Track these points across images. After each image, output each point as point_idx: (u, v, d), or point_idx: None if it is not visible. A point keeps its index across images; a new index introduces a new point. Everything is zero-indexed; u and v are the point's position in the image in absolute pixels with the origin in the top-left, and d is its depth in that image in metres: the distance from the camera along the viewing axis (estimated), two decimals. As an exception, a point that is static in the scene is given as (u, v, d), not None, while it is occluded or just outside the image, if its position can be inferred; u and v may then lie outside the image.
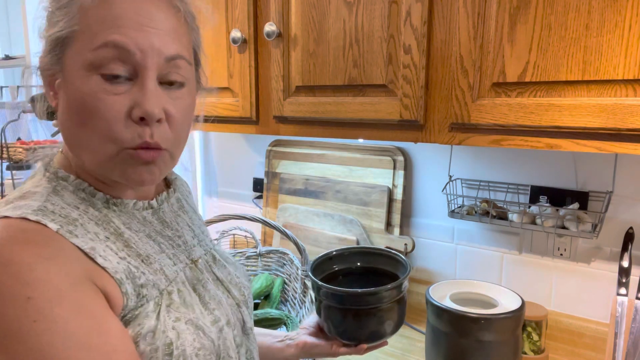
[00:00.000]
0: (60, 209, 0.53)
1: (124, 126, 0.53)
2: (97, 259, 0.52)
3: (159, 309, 0.56)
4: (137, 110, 0.53)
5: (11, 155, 1.79)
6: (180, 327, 0.56)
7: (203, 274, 0.67)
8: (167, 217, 0.67)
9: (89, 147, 0.54)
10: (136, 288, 0.54)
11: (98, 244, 0.53)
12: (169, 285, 0.59)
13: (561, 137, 0.85)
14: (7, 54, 2.66)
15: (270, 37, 1.15)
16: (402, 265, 0.90)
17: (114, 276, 0.52)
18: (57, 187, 0.57)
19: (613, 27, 0.76)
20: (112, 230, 0.57)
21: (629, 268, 1.06)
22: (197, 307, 0.61)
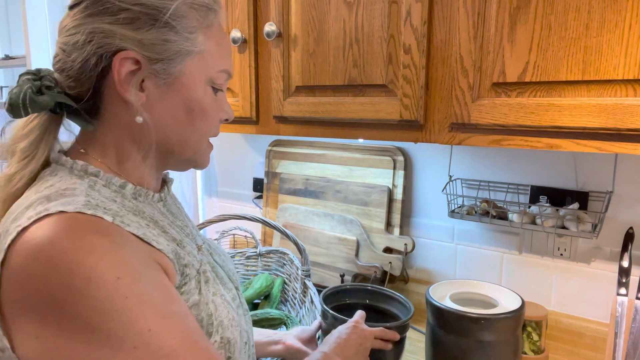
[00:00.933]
0: (102, 203, 0.56)
1: (217, 125, 0.69)
2: (152, 243, 0.57)
3: (199, 286, 0.63)
4: (224, 114, 0.69)
5: (11, 155, 1.79)
6: (217, 301, 0.64)
7: (209, 258, 0.73)
8: (172, 209, 0.72)
9: (191, 140, 0.65)
10: (181, 267, 0.61)
11: (146, 230, 0.58)
12: (201, 266, 0.66)
13: (561, 137, 0.85)
14: (7, 54, 2.66)
15: (270, 37, 1.15)
16: (407, 309, 1.01)
17: (168, 256, 0.59)
18: (90, 182, 0.60)
19: (613, 27, 0.76)
20: (148, 218, 0.62)
21: (629, 268, 1.06)
22: (219, 284, 0.68)
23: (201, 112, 0.64)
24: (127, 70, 0.59)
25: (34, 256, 0.48)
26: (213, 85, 0.65)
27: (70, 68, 0.60)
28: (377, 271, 1.36)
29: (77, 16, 0.60)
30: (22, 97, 0.58)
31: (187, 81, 0.62)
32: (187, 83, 0.62)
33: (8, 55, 2.64)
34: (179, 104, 0.62)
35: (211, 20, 0.64)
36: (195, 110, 0.64)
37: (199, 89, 0.63)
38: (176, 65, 0.61)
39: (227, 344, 0.63)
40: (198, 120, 0.64)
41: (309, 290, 1.18)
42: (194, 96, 0.63)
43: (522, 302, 0.95)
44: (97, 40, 0.58)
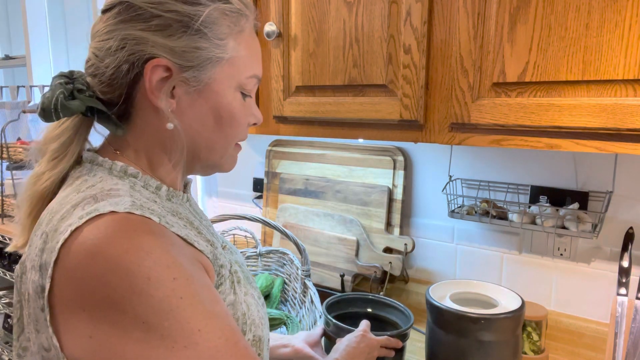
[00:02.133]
0: (145, 203, 0.57)
1: (246, 130, 0.69)
2: (194, 244, 0.59)
3: (233, 286, 0.65)
4: (253, 119, 0.70)
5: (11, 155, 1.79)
6: (248, 300, 0.66)
7: (235, 257, 0.75)
8: (197, 209, 0.73)
9: (218, 146, 0.66)
10: (217, 268, 0.63)
11: (186, 230, 0.60)
12: (232, 267, 0.67)
13: (561, 137, 0.85)
14: (7, 54, 2.66)
15: (270, 37, 1.15)
16: (407, 318, 1.02)
17: (208, 256, 0.60)
18: (131, 184, 0.61)
19: (613, 27, 0.76)
20: (184, 219, 0.64)
21: (629, 268, 1.06)
22: (248, 285, 0.70)
23: (230, 118, 0.64)
24: (159, 78, 0.59)
25: (92, 256, 0.49)
26: (242, 91, 0.65)
27: (102, 73, 0.60)
28: (377, 271, 1.36)
29: (110, 21, 0.60)
30: (54, 102, 0.59)
31: (217, 88, 0.62)
32: (216, 90, 0.62)
33: (8, 55, 2.64)
34: (209, 110, 0.63)
35: (242, 26, 0.64)
36: (224, 116, 0.64)
37: (229, 95, 0.63)
38: (207, 72, 0.61)
39: (259, 342, 0.65)
40: (226, 126, 0.65)
41: (309, 290, 1.18)
42: (223, 103, 0.63)
43: (522, 302, 0.95)
44: (129, 47, 0.58)
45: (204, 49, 0.60)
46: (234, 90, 0.64)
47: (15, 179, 1.98)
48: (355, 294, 1.11)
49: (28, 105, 2.38)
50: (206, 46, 0.60)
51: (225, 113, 0.64)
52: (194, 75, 0.60)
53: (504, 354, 0.93)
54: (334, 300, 1.07)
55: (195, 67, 0.60)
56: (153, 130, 0.62)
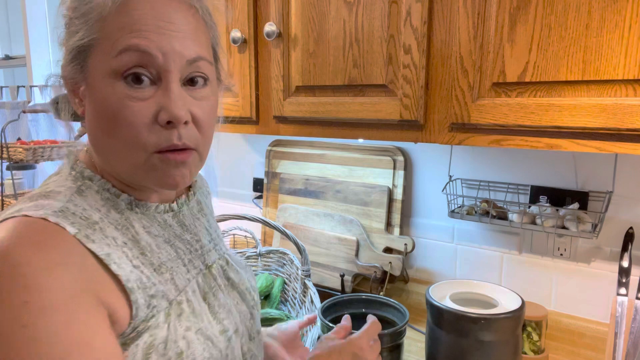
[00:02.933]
0: (82, 211, 0.53)
1: (151, 131, 0.53)
2: (112, 266, 0.52)
3: (169, 319, 0.56)
4: (164, 114, 0.53)
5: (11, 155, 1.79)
6: (190, 337, 0.56)
7: (216, 280, 0.67)
8: (187, 220, 0.67)
9: (118, 155, 0.55)
10: (147, 298, 0.54)
11: (114, 249, 0.53)
12: (179, 295, 0.59)
13: (561, 137, 0.85)
14: (7, 54, 2.66)
15: (270, 37, 1.15)
16: (402, 314, 1.02)
17: (125, 284, 0.52)
18: (82, 187, 0.57)
19: (613, 27, 0.76)
20: (130, 235, 0.57)
21: (629, 268, 1.06)
22: (205, 317, 0.61)
23: (111, 116, 0.53)
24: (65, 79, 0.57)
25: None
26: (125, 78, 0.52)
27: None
28: (377, 271, 1.36)
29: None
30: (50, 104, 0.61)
31: (92, 81, 0.54)
32: (93, 84, 0.54)
33: (8, 55, 2.64)
34: (93, 111, 0.55)
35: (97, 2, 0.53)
36: (104, 115, 0.53)
37: (104, 88, 0.53)
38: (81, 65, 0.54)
39: None
40: (114, 128, 0.53)
41: (309, 290, 1.18)
42: (99, 98, 0.53)
43: (522, 302, 0.95)
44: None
45: (67, 38, 0.55)
46: (110, 79, 0.52)
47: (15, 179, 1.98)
48: (350, 295, 1.11)
49: (28, 105, 2.38)
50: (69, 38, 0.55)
51: (103, 111, 0.53)
52: (74, 70, 0.55)
53: (504, 354, 0.93)
54: (330, 304, 1.07)
55: (71, 61, 0.55)
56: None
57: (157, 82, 0.54)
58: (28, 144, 1.85)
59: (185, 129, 0.55)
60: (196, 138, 0.57)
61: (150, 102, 0.53)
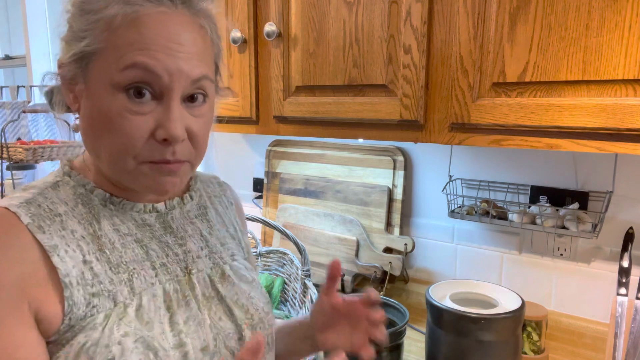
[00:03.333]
0: (50, 203, 0.56)
1: (145, 145, 0.54)
2: (53, 258, 0.53)
3: (106, 321, 0.54)
4: (162, 132, 0.54)
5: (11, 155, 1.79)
6: (126, 344, 0.53)
7: (193, 290, 0.63)
8: (176, 222, 0.67)
9: (107, 158, 0.56)
10: (86, 296, 0.54)
11: (66, 241, 0.55)
12: (129, 298, 0.57)
13: (561, 137, 0.85)
14: (7, 54, 2.66)
15: (270, 37, 1.15)
16: (402, 314, 1.02)
17: (62, 278, 0.53)
18: (60, 182, 0.60)
19: (613, 27, 0.76)
20: (91, 230, 0.58)
21: (629, 268, 1.06)
22: (158, 326, 0.57)
23: (106, 125, 0.54)
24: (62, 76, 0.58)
25: None
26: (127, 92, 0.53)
27: None
28: (377, 271, 1.36)
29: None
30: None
31: (93, 87, 0.55)
32: (92, 89, 0.55)
33: (8, 55, 2.64)
34: (87, 115, 0.56)
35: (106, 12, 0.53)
36: (98, 122, 0.55)
37: (104, 97, 0.54)
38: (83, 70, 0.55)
39: None
40: (107, 135, 0.54)
41: (309, 290, 1.18)
42: (96, 106, 0.55)
43: (522, 302, 0.95)
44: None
45: (72, 43, 0.55)
46: (112, 89, 0.53)
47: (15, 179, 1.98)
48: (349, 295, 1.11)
49: (28, 105, 2.38)
50: (72, 40, 0.55)
51: (98, 118, 0.54)
52: (74, 72, 0.56)
53: (504, 354, 0.93)
54: None
55: (71, 63, 0.56)
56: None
57: (158, 98, 0.54)
58: (28, 144, 1.85)
59: (180, 145, 0.56)
60: (190, 152, 0.58)
61: (149, 117, 0.54)
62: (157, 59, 0.52)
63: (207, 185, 0.77)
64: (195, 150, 0.58)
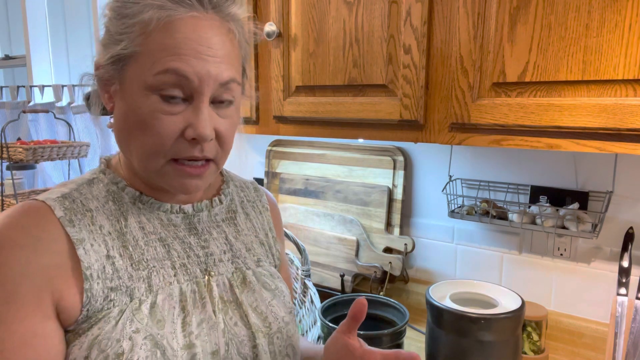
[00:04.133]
0: (83, 199, 0.60)
1: (175, 143, 0.57)
2: (79, 250, 0.56)
3: (120, 316, 0.56)
4: (191, 131, 0.57)
5: (11, 155, 1.79)
6: (136, 340, 0.55)
7: (211, 292, 0.63)
8: (202, 225, 0.68)
9: (139, 156, 0.59)
10: (105, 290, 0.56)
11: (94, 235, 0.58)
12: (145, 295, 0.58)
13: (561, 137, 0.85)
14: (7, 54, 2.66)
15: (270, 37, 1.15)
16: (402, 314, 1.03)
17: (84, 270, 0.55)
18: (95, 179, 0.64)
19: (613, 27, 0.76)
20: (118, 227, 0.61)
21: (629, 268, 1.06)
22: (169, 326, 0.58)
23: (139, 124, 0.57)
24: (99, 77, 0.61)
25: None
26: (162, 93, 0.56)
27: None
28: (377, 271, 1.36)
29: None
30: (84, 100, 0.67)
31: (128, 88, 0.58)
32: (128, 91, 0.58)
33: (8, 55, 2.64)
34: (122, 114, 0.59)
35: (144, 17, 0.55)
36: (132, 122, 0.58)
37: (139, 98, 0.57)
38: (120, 71, 0.58)
39: None
40: (139, 134, 0.57)
41: (309, 290, 1.18)
42: (131, 106, 0.57)
43: (522, 302, 0.95)
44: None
45: (109, 46, 0.58)
46: (146, 92, 0.56)
47: (15, 179, 1.97)
48: (350, 295, 1.11)
49: (28, 105, 2.38)
50: (110, 43, 0.58)
51: (132, 118, 0.57)
52: (110, 74, 0.59)
53: (504, 354, 0.93)
54: (330, 304, 1.07)
55: (108, 65, 0.59)
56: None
57: (188, 100, 0.57)
58: (28, 144, 1.85)
59: (208, 144, 0.59)
60: (216, 151, 0.61)
61: (179, 117, 0.57)
62: (188, 64, 0.55)
63: (241, 189, 0.78)
64: (221, 149, 0.61)
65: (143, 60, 0.56)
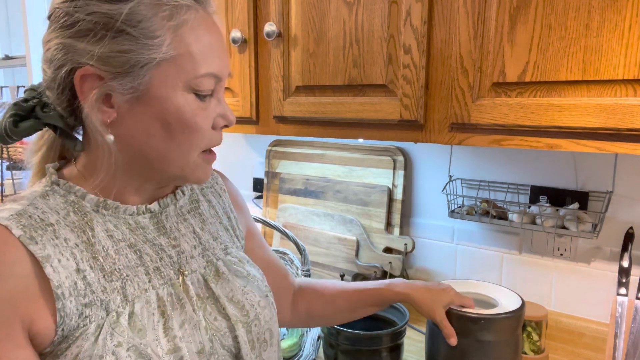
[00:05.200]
0: (40, 213, 0.56)
1: (208, 134, 0.61)
2: (46, 269, 0.52)
3: (99, 331, 0.54)
4: (222, 120, 0.63)
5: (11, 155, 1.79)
6: (120, 354, 0.53)
7: (188, 292, 0.63)
8: (170, 221, 0.67)
9: (173, 155, 0.60)
10: (79, 307, 0.54)
11: (60, 250, 0.55)
12: (122, 306, 0.57)
13: (561, 137, 0.85)
14: (7, 54, 2.66)
15: (270, 37, 1.15)
16: (402, 314, 1.04)
17: (55, 290, 0.52)
18: (49, 191, 0.59)
19: (613, 27, 0.76)
20: (85, 238, 0.58)
21: (629, 268, 1.06)
22: (151, 333, 0.57)
23: (181, 124, 0.58)
24: (90, 87, 0.55)
25: None
26: (196, 92, 0.58)
27: (51, 86, 0.59)
28: (377, 271, 1.35)
29: (48, 30, 0.59)
30: (3, 128, 0.60)
31: (158, 93, 0.56)
32: (158, 95, 0.56)
33: (8, 55, 2.64)
34: (153, 117, 0.57)
35: (182, 19, 0.56)
36: (172, 123, 0.57)
37: (175, 99, 0.57)
38: (142, 76, 0.55)
39: None
40: (178, 134, 0.58)
41: (309, 290, 1.17)
42: (170, 108, 0.57)
43: (521, 302, 0.95)
44: (60, 57, 0.55)
45: (130, 51, 0.54)
46: (183, 93, 0.57)
47: (15, 179, 1.98)
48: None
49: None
50: (133, 48, 0.54)
51: (173, 119, 0.57)
52: (127, 81, 0.55)
53: (503, 354, 0.93)
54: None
55: (126, 72, 0.55)
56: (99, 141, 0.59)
57: (213, 94, 0.61)
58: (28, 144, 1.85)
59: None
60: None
61: (210, 111, 0.61)
62: (221, 67, 0.60)
63: None
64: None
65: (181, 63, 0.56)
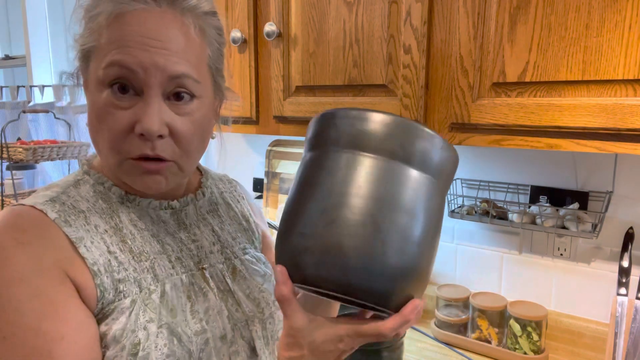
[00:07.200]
0: (73, 201, 0.59)
1: (126, 139, 0.55)
2: (80, 249, 0.55)
3: (133, 307, 0.56)
4: (138, 126, 0.54)
5: (11, 155, 1.79)
6: (151, 329, 0.56)
7: (208, 283, 0.65)
8: (189, 219, 0.69)
9: (102, 152, 0.59)
10: (114, 282, 0.56)
11: (91, 234, 0.57)
12: (153, 285, 0.59)
13: (561, 137, 0.85)
14: (7, 54, 2.66)
15: (270, 37, 1.15)
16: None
17: (90, 267, 0.55)
18: (80, 181, 0.63)
19: (613, 27, 0.76)
20: (113, 224, 0.60)
21: (629, 268, 1.06)
22: (181, 314, 0.59)
23: (94, 119, 0.57)
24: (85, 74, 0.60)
25: None
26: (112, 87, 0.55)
27: None
28: (377, 271, 1.35)
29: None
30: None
31: (90, 84, 0.58)
32: (89, 86, 0.58)
33: (8, 55, 2.64)
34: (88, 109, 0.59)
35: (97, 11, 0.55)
36: (90, 118, 0.58)
37: (92, 93, 0.57)
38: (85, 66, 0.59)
39: None
40: (93, 132, 0.58)
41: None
42: (88, 102, 0.58)
43: None
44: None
45: (76, 40, 0.59)
46: (99, 87, 0.56)
47: (15, 179, 1.98)
48: None
49: (28, 105, 2.38)
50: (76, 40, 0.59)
51: (89, 114, 0.58)
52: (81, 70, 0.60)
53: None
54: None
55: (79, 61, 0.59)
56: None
57: (139, 94, 0.56)
58: (28, 144, 1.85)
59: (160, 141, 0.56)
60: (173, 151, 0.57)
61: (130, 111, 0.55)
62: (132, 55, 0.54)
63: (217, 182, 0.80)
64: (179, 149, 0.58)
65: (96, 55, 0.56)
